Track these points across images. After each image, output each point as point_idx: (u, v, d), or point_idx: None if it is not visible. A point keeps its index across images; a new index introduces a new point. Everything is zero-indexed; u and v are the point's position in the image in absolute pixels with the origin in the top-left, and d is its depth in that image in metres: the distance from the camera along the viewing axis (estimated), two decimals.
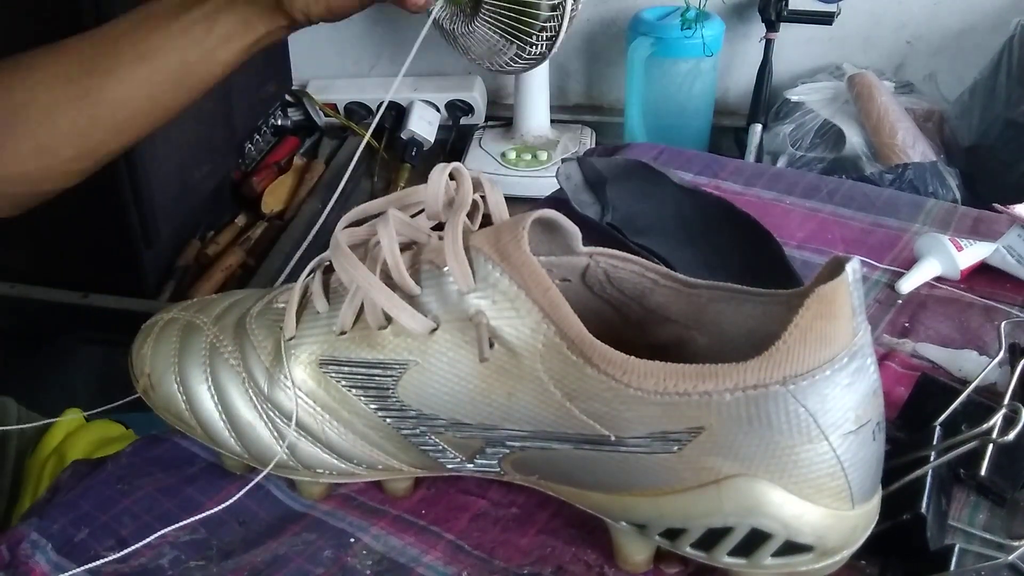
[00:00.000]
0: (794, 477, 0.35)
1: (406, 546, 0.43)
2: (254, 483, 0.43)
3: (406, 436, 0.41)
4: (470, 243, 0.38)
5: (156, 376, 0.46)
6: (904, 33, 1.89)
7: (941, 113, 1.80)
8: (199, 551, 0.43)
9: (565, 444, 0.38)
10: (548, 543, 0.43)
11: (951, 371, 0.54)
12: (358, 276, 0.39)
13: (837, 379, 0.34)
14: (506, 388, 0.38)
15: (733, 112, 2.01)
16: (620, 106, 1.98)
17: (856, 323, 0.34)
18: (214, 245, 1.58)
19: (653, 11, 1.84)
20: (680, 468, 0.36)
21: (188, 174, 1.45)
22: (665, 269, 0.41)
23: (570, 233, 0.41)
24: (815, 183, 0.76)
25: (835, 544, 0.36)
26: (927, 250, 0.62)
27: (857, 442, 0.35)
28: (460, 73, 2.04)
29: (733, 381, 0.34)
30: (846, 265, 0.34)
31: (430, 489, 0.46)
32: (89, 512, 0.44)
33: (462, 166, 0.41)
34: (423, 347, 0.39)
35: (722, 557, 0.37)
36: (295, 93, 2.05)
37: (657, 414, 0.35)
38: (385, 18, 2.04)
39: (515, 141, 1.95)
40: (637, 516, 0.39)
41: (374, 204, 0.42)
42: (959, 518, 0.44)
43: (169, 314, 0.48)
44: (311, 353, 0.42)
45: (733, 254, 0.61)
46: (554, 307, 0.36)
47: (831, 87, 1.84)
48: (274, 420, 0.43)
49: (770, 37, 1.84)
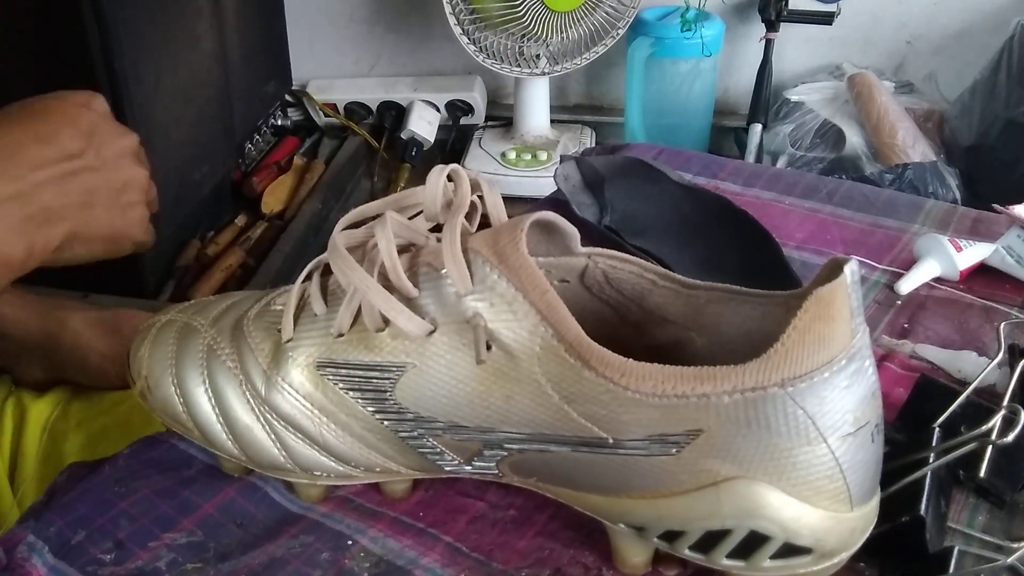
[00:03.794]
0: (793, 479, 0.35)
1: (404, 548, 0.43)
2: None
3: (404, 438, 0.41)
4: (468, 245, 0.37)
5: (153, 378, 0.45)
6: (904, 33, 1.89)
7: (941, 113, 1.80)
8: (196, 553, 0.42)
9: (563, 446, 0.38)
10: (546, 545, 0.43)
11: (950, 372, 0.54)
12: (356, 278, 0.39)
13: (836, 381, 0.34)
14: (504, 391, 0.38)
15: (733, 112, 2.01)
16: (620, 106, 1.98)
17: (855, 325, 0.34)
18: (214, 245, 1.58)
19: (653, 11, 1.84)
20: (678, 470, 0.36)
21: (188, 174, 1.45)
22: (664, 270, 0.41)
23: (568, 234, 0.41)
24: (814, 183, 0.76)
25: (834, 546, 0.36)
26: (926, 251, 0.62)
27: (856, 444, 0.35)
28: (460, 73, 2.04)
29: (731, 383, 0.34)
30: (844, 266, 0.34)
31: (428, 491, 0.46)
32: (86, 514, 0.44)
33: (460, 168, 0.41)
34: (421, 349, 0.39)
35: (721, 559, 0.37)
36: (295, 93, 2.05)
37: (655, 416, 0.35)
38: (385, 18, 2.05)
39: (515, 141, 1.95)
40: (635, 518, 0.39)
41: (372, 206, 0.42)
42: (958, 520, 0.44)
43: (166, 316, 0.48)
44: (309, 355, 0.42)
45: (732, 254, 0.61)
46: (552, 310, 0.36)
47: (831, 87, 1.84)
48: (271, 423, 0.43)
49: (770, 37, 1.84)
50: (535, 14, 1.68)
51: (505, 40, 1.74)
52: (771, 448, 0.34)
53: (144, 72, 1.12)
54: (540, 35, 1.71)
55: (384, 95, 2.04)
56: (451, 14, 1.68)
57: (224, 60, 1.48)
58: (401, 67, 2.10)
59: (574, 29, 1.72)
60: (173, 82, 1.24)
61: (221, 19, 1.48)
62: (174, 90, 1.27)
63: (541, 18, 1.69)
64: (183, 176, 1.43)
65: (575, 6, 1.69)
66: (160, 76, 1.20)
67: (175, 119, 1.28)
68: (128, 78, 1.13)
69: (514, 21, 1.68)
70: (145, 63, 1.12)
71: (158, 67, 1.19)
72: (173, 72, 1.26)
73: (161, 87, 1.20)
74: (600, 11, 1.72)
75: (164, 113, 1.23)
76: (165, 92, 1.21)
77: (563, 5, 1.68)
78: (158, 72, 1.19)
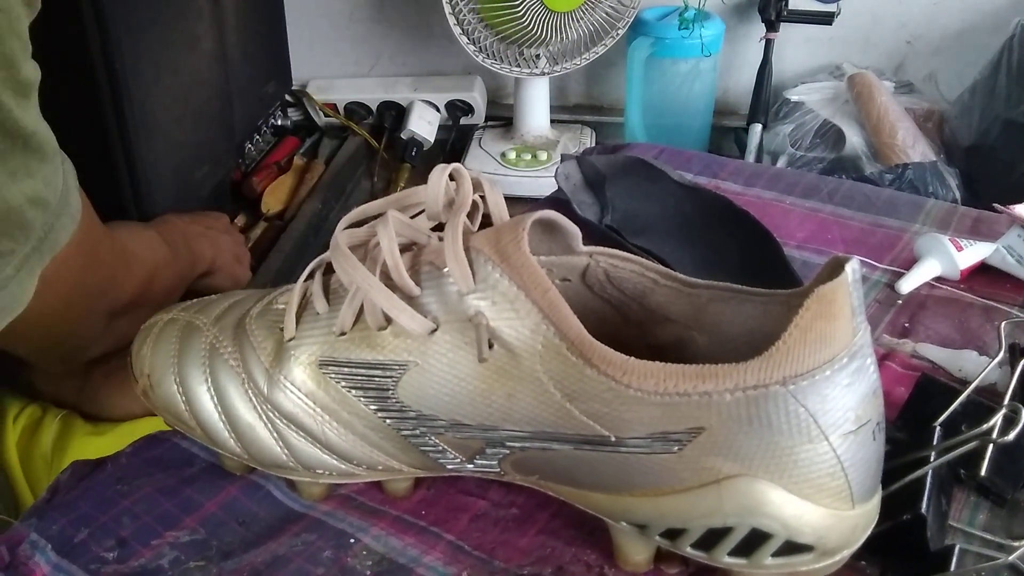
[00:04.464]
0: (794, 477, 0.35)
1: (406, 547, 0.43)
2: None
3: (406, 437, 0.41)
4: (470, 244, 0.38)
5: (156, 377, 0.46)
6: (904, 33, 1.89)
7: (941, 113, 1.79)
8: (199, 552, 0.43)
9: (565, 445, 0.38)
10: (548, 543, 0.43)
11: (951, 371, 0.54)
12: (358, 277, 0.39)
13: (837, 379, 0.34)
14: (506, 389, 0.38)
15: (733, 112, 2.01)
16: (620, 106, 1.98)
17: (856, 323, 0.34)
18: None
19: (653, 11, 1.84)
20: (680, 468, 0.36)
21: (188, 174, 1.45)
22: (665, 269, 0.41)
23: (570, 233, 0.41)
24: (815, 183, 0.76)
25: (835, 544, 0.36)
26: (927, 250, 0.62)
27: (857, 442, 0.35)
28: (460, 73, 2.04)
29: (733, 381, 0.34)
30: (846, 265, 0.34)
31: (430, 489, 0.46)
32: (89, 513, 0.44)
33: (462, 167, 0.41)
34: (423, 348, 0.39)
35: (722, 557, 0.37)
36: (295, 93, 2.05)
37: (657, 415, 0.35)
38: (385, 18, 2.04)
39: (515, 141, 1.95)
40: (637, 516, 0.39)
41: (374, 205, 0.42)
42: (959, 518, 0.44)
43: (169, 314, 0.48)
44: (311, 354, 0.42)
45: (733, 253, 0.61)
46: (553, 308, 0.36)
47: (831, 87, 1.84)
48: (274, 421, 0.43)
49: (770, 37, 1.84)
50: (535, 14, 1.68)
51: (500, 43, 1.74)
52: (773, 446, 0.34)
53: (144, 72, 1.11)
54: (540, 36, 1.71)
55: (384, 95, 2.03)
56: (451, 14, 1.69)
57: (224, 60, 1.48)
58: (401, 67, 2.09)
59: (573, 29, 1.72)
60: (173, 82, 1.24)
61: (221, 19, 1.48)
62: (174, 90, 1.27)
63: (541, 18, 1.69)
64: (183, 176, 1.43)
65: (575, 6, 1.69)
66: (160, 76, 1.20)
67: (175, 119, 1.28)
68: (128, 78, 1.12)
69: (514, 22, 1.68)
70: (145, 63, 1.12)
71: (158, 67, 1.19)
72: (173, 72, 1.25)
73: (161, 87, 1.20)
74: (600, 11, 1.72)
75: (164, 113, 1.22)
76: (165, 92, 1.21)
77: (563, 5, 1.68)
78: (158, 72, 1.19)
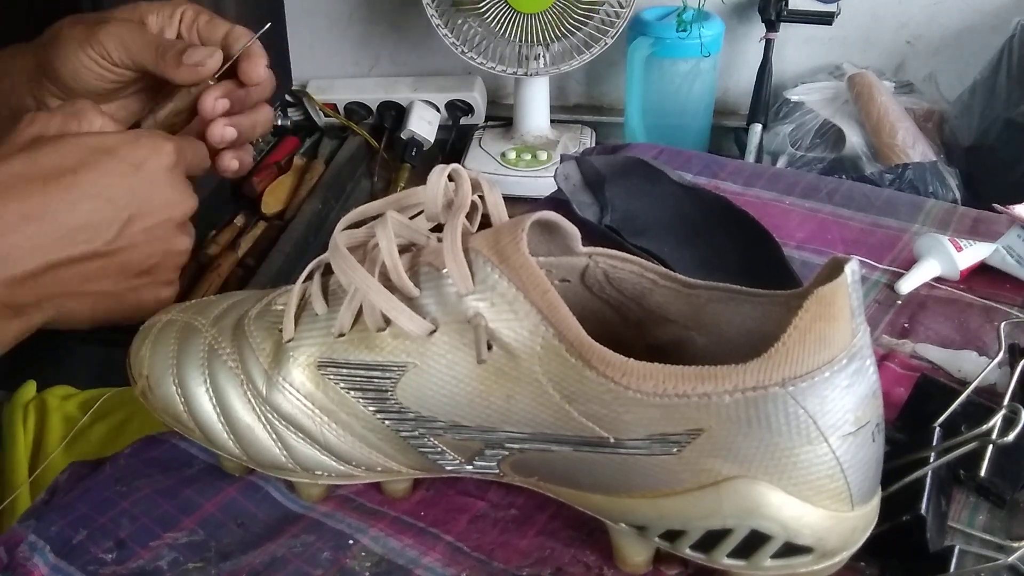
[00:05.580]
0: (793, 479, 0.35)
1: (405, 548, 0.43)
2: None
3: (405, 438, 0.41)
4: (469, 245, 0.37)
5: (154, 378, 0.45)
6: (904, 33, 1.89)
7: (941, 113, 1.79)
8: (198, 553, 0.42)
9: (564, 446, 0.38)
10: (547, 544, 0.43)
11: (951, 372, 0.54)
12: (357, 278, 0.39)
13: (836, 380, 0.34)
14: (505, 390, 0.38)
15: (733, 112, 2.01)
16: (620, 106, 1.98)
17: (855, 324, 0.34)
18: (214, 245, 1.58)
19: (653, 11, 1.84)
20: (679, 470, 0.36)
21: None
22: (664, 269, 0.41)
23: (569, 234, 0.41)
24: (814, 183, 0.76)
25: (835, 545, 0.36)
26: (927, 250, 0.62)
27: (856, 443, 0.35)
28: (460, 73, 2.04)
29: (732, 383, 0.34)
30: (845, 266, 0.34)
31: (429, 490, 0.46)
32: (87, 514, 0.44)
33: (461, 167, 0.41)
34: (422, 349, 0.39)
35: (722, 559, 0.37)
36: (295, 93, 2.05)
37: (656, 416, 0.35)
38: (385, 18, 2.04)
39: (515, 141, 1.95)
40: (636, 518, 0.39)
41: (373, 206, 0.42)
42: (959, 519, 0.44)
43: (167, 315, 0.48)
44: (310, 355, 0.42)
45: (732, 254, 0.61)
46: (552, 309, 0.36)
47: (831, 87, 1.84)
48: (272, 422, 0.43)
49: (770, 37, 1.84)
50: (499, 14, 1.68)
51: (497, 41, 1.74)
52: (772, 447, 0.34)
53: None
54: (510, 37, 1.70)
55: (384, 95, 2.03)
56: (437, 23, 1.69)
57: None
58: (401, 67, 2.09)
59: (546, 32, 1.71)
60: None
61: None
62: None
63: (507, 18, 1.68)
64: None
65: (543, 7, 1.67)
66: None
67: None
68: None
69: (476, 17, 1.67)
70: None
71: None
72: None
73: None
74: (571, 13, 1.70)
75: None
76: None
77: (529, 7, 1.67)
78: None
